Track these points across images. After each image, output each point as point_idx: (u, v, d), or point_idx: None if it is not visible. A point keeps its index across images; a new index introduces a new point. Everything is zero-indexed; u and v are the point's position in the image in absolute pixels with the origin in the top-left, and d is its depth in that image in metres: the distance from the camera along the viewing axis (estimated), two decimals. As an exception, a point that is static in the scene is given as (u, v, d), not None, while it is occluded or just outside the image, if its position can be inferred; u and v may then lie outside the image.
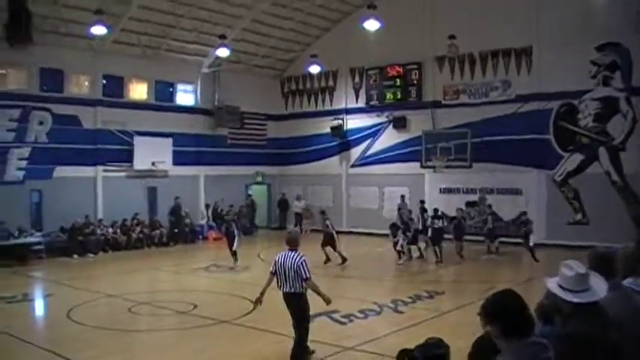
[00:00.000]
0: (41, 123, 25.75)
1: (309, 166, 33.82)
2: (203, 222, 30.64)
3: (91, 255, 25.13)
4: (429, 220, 23.83)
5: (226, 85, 31.96)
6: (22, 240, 23.66)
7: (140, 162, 28.18)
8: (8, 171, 24.83)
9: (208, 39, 29.00)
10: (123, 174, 28.15)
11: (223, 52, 28.01)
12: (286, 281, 9.94)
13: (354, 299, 15.84)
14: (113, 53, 27.29)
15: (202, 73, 31.48)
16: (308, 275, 9.88)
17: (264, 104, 34.38)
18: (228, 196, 31.82)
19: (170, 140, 29.29)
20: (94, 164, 27.21)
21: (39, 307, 17.03)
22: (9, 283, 18.67)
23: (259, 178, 34.69)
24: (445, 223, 23.40)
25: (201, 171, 31.29)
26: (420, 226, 24.01)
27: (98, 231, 26.23)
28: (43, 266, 22.80)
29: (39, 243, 24.24)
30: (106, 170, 27.60)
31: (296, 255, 9.99)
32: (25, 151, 25.32)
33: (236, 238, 21.75)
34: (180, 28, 28.17)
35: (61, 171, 25.87)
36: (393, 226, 22.43)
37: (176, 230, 28.64)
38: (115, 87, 28.41)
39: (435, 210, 23.72)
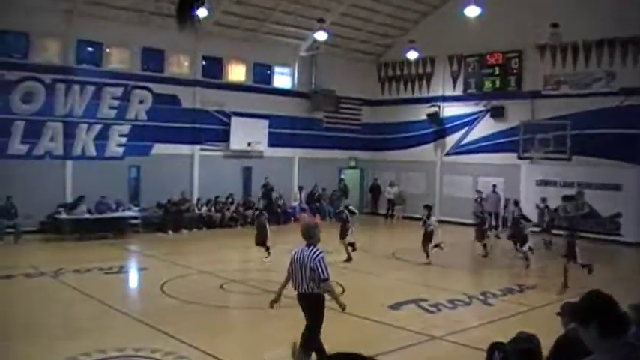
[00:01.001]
0: (141, 101, 26.44)
1: (404, 152, 33.53)
2: (295, 204, 30.88)
3: (186, 231, 25.75)
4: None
5: (323, 68, 32.08)
6: (120, 214, 24.44)
7: (236, 142, 28.62)
8: (109, 147, 25.66)
9: (307, 22, 29.07)
10: (219, 153, 28.67)
11: (321, 36, 28.05)
12: (302, 280, 8.70)
13: (443, 289, 15.68)
14: (213, 35, 27.70)
15: (300, 56, 31.64)
16: (325, 275, 8.57)
17: (360, 89, 34.28)
18: (321, 180, 32.02)
19: (266, 122, 29.61)
20: (192, 143, 27.79)
21: (134, 279, 17.54)
22: (106, 255, 19.31)
23: (353, 163, 34.71)
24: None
25: (295, 153, 31.56)
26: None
27: (196, 210, 26.83)
28: (139, 240, 23.46)
29: (136, 217, 25.04)
30: (202, 149, 28.16)
31: (313, 250, 8.69)
32: (126, 129, 26.07)
33: (267, 229, 19.75)
34: (280, 11, 28.35)
35: (159, 148, 26.55)
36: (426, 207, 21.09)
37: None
38: (214, 68, 28.91)
39: (515, 202, 22.94)
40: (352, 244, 19.63)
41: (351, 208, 20.74)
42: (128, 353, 9.67)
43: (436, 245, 19.47)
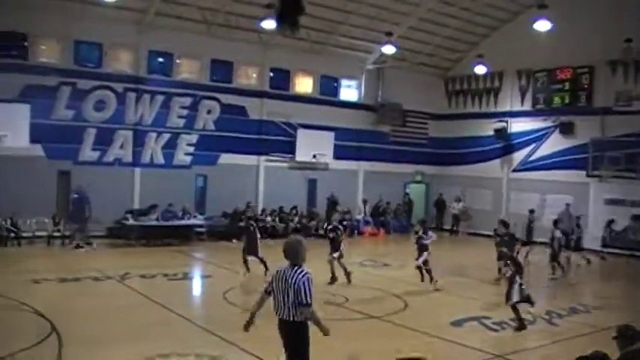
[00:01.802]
0: (209, 112, 26.89)
1: (469, 167, 33.13)
2: (360, 217, 30.83)
3: (250, 241, 25.87)
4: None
5: (390, 82, 32.03)
6: (185, 222, 24.78)
7: (302, 154, 28.78)
8: (177, 156, 26.16)
9: (375, 35, 29.05)
10: (284, 164, 28.86)
11: (389, 50, 28.00)
12: (284, 306, 7.47)
13: (507, 307, 15.39)
14: (281, 47, 27.91)
15: (367, 69, 31.65)
16: (308, 300, 7.29)
17: (426, 103, 34.06)
18: (386, 193, 31.91)
19: (332, 134, 29.66)
20: (258, 153, 28.09)
21: (197, 286, 17.73)
22: (171, 262, 19.63)
23: (418, 177, 34.50)
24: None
25: (360, 166, 31.55)
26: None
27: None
28: (204, 248, 23.74)
29: (201, 225, 25.36)
30: (268, 160, 28.40)
31: (298, 271, 7.42)
32: (194, 138, 26.54)
33: (258, 240, 18.36)
34: (349, 25, 28.48)
35: (226, 158, 26.96)
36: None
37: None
38: (281, 80, 29.15)
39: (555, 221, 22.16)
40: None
41: (345, 223, 18.76)
42: None
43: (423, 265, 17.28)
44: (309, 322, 7.52)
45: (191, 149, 26.50)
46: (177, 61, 26.49)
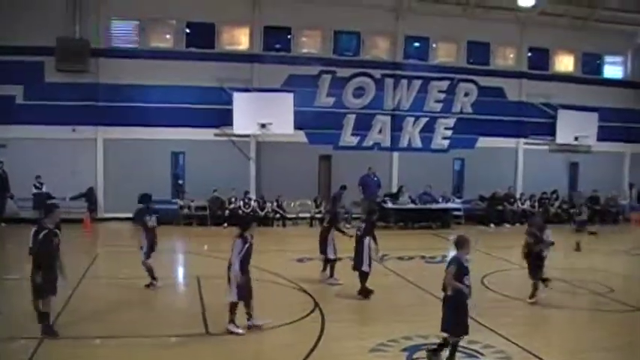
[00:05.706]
0: (467, 94, 26.81)
1: None
2: (625, 202, 28.99)
3: (507, 225, 25.41)
4: None
5: (661, 56, 29.66)
6: (443, 205, 24.84)
7: (563, 136, 27.62)
8: (435, 139, 26.46)
9: (644, 6, 27.15)
10: (544, 147, 27.91)
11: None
12: None
13: None
14: (539, 25, 27.03)
15: (636, 43, 29.47)
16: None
17: None
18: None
19: (595, 114, 28.08)
20: (517, 136, 27.48)
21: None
22: (430, 245, 19.80)
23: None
24: None
25: (627, 148, 29.61)
26: None
27: (519, 204, 26.35)
28: (461, 231, 23.66)
29: (459, 209, 25.32)
30: (527, 143, 27.67)
31: None
32: (451, 122, 26.62)
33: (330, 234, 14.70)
34: (612, -4, 26.92)
35: (484, 141, 26.72)
36: None
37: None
38: (540, 59, 28.19)
39: None
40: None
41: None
42: (446, 342, 9.81)
43: (545, 280, 13.17)
44: None
45: (449, 133, 26.64)
46: (434, 45, 26.66)
